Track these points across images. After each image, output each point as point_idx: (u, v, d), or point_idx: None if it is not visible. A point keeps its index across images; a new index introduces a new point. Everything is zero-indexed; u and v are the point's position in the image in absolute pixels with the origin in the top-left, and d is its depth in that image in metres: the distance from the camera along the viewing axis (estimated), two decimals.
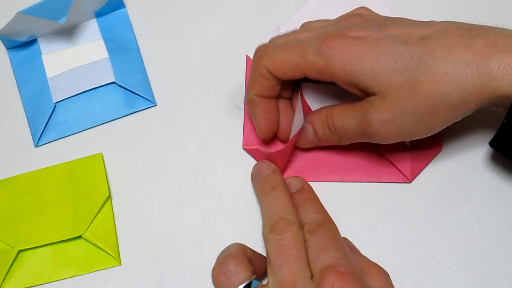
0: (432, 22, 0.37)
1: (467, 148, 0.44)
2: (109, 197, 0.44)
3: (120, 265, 0.43)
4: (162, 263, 0.43)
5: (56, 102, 0.46)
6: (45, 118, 0.46)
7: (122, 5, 0.49)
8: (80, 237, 0.43)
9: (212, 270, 0.37)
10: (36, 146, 0.46)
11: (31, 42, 0.48)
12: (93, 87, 0.46)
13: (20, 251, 0.43)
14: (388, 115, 0.36)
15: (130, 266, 0.43)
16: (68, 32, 0.48)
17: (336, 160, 0.44)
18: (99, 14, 0.48)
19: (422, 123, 0.37)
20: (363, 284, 0.35)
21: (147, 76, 0.47)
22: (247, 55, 0.41)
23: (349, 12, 0.41)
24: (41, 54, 0.47)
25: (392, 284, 0.37)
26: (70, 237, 0.42)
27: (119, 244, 0.43)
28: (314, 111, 0.42)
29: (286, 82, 0.41)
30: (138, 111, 0.47)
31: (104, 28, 0.48)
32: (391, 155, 0.43)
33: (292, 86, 0.43)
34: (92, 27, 0.48)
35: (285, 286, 0.35)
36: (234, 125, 0.45)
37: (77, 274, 0.43)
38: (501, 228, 0.42)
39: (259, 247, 0.41)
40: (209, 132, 0.46)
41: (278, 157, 0.42)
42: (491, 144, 0.38)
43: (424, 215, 0.43)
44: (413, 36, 0.36)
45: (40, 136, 0.46)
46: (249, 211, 0.43)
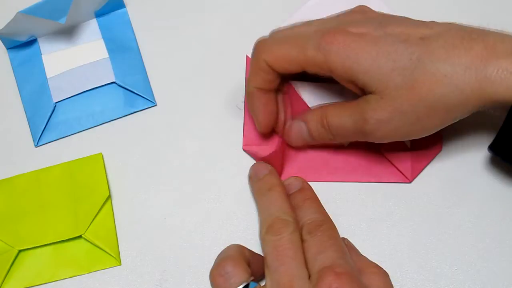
0: (433, 23, 0.37)
1: (468, 148, 0.44)
2: (109, 197, 0.44)
3: (120, 265, 0.43)
4: (162, 263, 0.43)
5: (56, 102, 0.46)
6: (45, 118, 0.46)
7: (122, 5, 0.49)
8: (80, 237, 0.43)
9: (210, 272, 0.37)
10: (36, 146, 0.46)
11: (31, 42, 0.48)
12: (93, 87, 0.46)
13: (20, 251, 0.43)
14: (385, 115, 0.36)
15: (130, 266, 0.43)
16: (68, 32, 0.48)
17: (336, 160, 0.44)
18: (99, 14, 0.48)
19: (419, 124, 0.37)
20: (361, 285, 0.35)
21: (147, 76, 0.47)
22: (247, 56, 0.41)
23: (351, 9, 0.41)
24: (41, 54, 0.47)
25: (392, 284, 0.37)
26: (70, 237, 0.42)
27: (119, 244, 0.43)
28: (308, 110, 0.42)
29: (286, 76, 0.41)
30: (138, 111, 0.47)
31: (104, 28, 0.48)
32: (391, 155, 0.43)
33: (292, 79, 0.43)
34: (92, 27, 0.48)
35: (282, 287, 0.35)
36: (234, 125, 0.45)
37: (77, 274, 0.43)
38: (501, 228, 0.42)
39: (259, 248, 0.41)
40: (209, 132, 0.46)
41: (274, 158, 0.42)
42: (490, 149, 0.38)
43: (424, 215, 0.43)
44: (413, 36, 0.36)
45: (40, 136, 0.46)
46: (249, 211, 0.43)
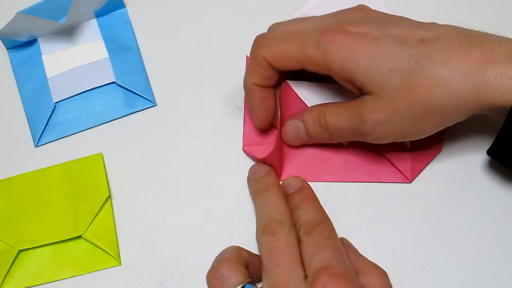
0: (433, 25, 0.37)
1: (468, 149, 0.44)
2: (109, 197, 0.44)
3: (120, 265, 0.43)
4: (162, 263, 0.43)
5: (56, 102, 0.46)
6: (45, 118, 0.46)
7: (122, 5, 0.49)
8: (80, 237, 0.43)
9: (206, 275, 0.37)
10: (36, 146, 0.46)
11: (31, 42, 0.48)
12: (93, 87, 0.46)
13: (20, 251, 0.43)
14: (382, 116, 0.36)
15: (130, 266, 0.43)
16: (68, 32, 0.48)
17: (337, 160, 0.44)
18: (99, 14, 0.48)
19: (415, 126, 0.37)
20: (356, 285, 0.34)
21: (147, 76, 0.47)
22: (247, 56, 0.41)
23: (351, 7, 0.41)
24: (41, 54, 0.47)
25: (390, 284, 0.37)
26: (70, 237, 0.42)
27: (119, 244, 0.43)
28: (306, 108, 0.42)
29: (285, 72, 0.41)
30: (138, 111, 0.47)
31: (104, 28, 0.48)
32: (391, 155, 0.43)
33: (291, 77, 0.42)
34: (92, 27, 0.48)
35: None
36: (234, 125, 0.45)
37: (77, 274, 0.43)
38: (501, 228, 0.42)
39: None
40: (209, 132, 0.46)
41: (274, 159, 0.42)
42: (489, 153, 0.38)
43: (424, 215, 0.43)
44: (413, 38, 0.36)
45: (40, 136, 0.46)
46: (249, 211, 0.43)
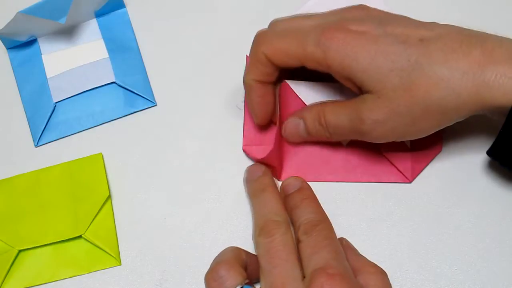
0: (434, 24, 0.37)
1: (468, 149, 0.44)
2: (109, 197, 0.44)
3: (120, 265, 0.43)
4: (162, 263, 0.43)
5: (56, 102, 0.46)
6: (45, 118, 0.46)
7: (122, 5, 0.49)
8: (80, 237, 0.43)
9: (204, 277, 0.37)
10: (36, 146, 0.46)
11: (31, 42, 0.48)
12: (93, 87, 0.46)
13: (20, 251, 0.43)
14: (382, 115, 0.36)
15: (130, 266, 0.43)
16: (68, 32, 0.48)
17: (336, 160, 0.44)
18: (99, 14, 0.48)
19: (414, 125, 0.37)
20: (354, 285, 0.34)
21: (147, 76, 0.47)
22: (247, 56, 0.41)
23: (352, 5, 0.40)
24: (41, 54, 0.47)
25: (390, 284, 0.37)
26: (70, 237, 0.42)
27: (119, 244, 0.43)
28: (306, 106, 0.42)
29: (285, 70, 0.40)
30: (138, 111, 0.47)
31: (104, 28, 0.48)
32: (391, 155, 0.43)
33: (291, 74, 0.42)
34: (92, 27, 0.48)
35: None
36: (234, 125, 0.45)
37: (77, 274, 0.43)
38: (501, 228, 0.42)
39: None
40: (209, 132, 0.46)
41: (273, 158, 0.42)
42: (489, 153, 0.38)
43: (424, 215, 0.43)
44: (413, 37, 0.36)
45: (40, 136, 0.46)
46: (249, 211, 0.43)
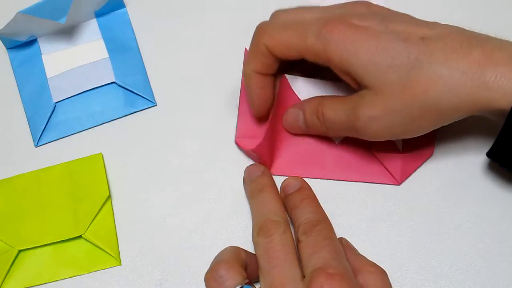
0: (435, 24, 0.37)
1: (468, 149, 0.44)
2: (109, 197, 0.44)
3: (120, 265, 0.43)
4: (162, 263, 0.43)
5: (56, 102, 0.46)
6: (45, 118, 0.46)
7: (122, 5, 0.49)
8: (80, 237, 0.43)
9: (204, 276, 0.37)
10: (36, 146, 0.46)
11: (31, 42, 0.48)
12: (93, 87, 0.46)
13: (20, 251, 0.43)
14: (378, 111, 0.36)
15: (130, 266, 0.43)
16: (68, 32, 0.48)
17: (328, 157, 0.44)
18: (99, 14, 0.48)
19: (411, 124, 0.36)
20: (353, 285, 0.34)
21: (147, 76, 0.47)
22: (246, 49, 0.41)
23: (355, 1, 0.40)
24: (41, 54, 0.47)
25: (390, 283, 0.37)
26: (70, 237, 0.42)
27: (119, 244, 0.43)
28: (308, 99, 0.42)
29: (285, 62, 0.40)
30: (138, 111, 0.47)
31: (104, 28, 0.48)
32: (382, 156, 0.43)
33: (291, 65, 0.42)
34: (92, 27, 0.48)
35: None
36: (234, 125, 0.45)
37: (77, 274, 0.43)
38: (501, 228, 0.42)
39: None
40: (209, 132, 0.46)
41: (263, 151, 0.42)
42: (488, 155, 0.38)
43: (424, 215, 0.43)
44: (414, 35, 0.36)
45: (40, 136, 0.46)
46: (249, 211, 0.43)
